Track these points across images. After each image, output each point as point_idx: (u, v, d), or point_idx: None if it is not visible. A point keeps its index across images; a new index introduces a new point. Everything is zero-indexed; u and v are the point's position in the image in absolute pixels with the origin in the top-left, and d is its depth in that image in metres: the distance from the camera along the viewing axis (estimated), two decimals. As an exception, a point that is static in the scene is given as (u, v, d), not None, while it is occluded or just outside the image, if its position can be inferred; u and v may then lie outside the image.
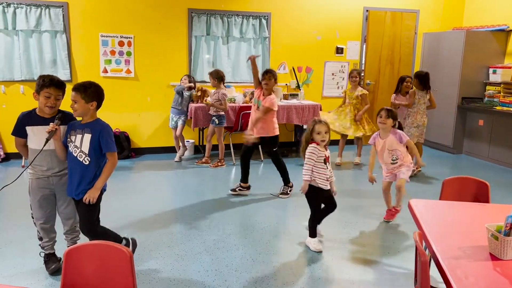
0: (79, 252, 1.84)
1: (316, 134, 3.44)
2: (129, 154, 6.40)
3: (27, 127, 2.84)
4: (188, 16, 6.48)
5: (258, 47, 6.90)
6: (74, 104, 2.72)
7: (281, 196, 4.81)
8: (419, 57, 7.75)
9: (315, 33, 7.11)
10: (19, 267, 3.12)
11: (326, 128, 3.45)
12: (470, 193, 2.98)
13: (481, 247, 2.01)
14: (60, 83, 2.79)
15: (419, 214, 2.41)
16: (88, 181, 2.77)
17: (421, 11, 7.55)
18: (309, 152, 3.44)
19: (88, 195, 2.76)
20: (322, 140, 3.44)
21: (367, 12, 7.28)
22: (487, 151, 6.65)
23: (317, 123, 3.46)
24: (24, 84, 6.01)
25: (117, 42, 6.25)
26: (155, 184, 5.26)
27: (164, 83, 6.54)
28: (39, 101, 2.79)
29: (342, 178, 5.68)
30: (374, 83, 7.59)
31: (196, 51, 6.64)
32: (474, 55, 6.84)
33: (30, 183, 2.91)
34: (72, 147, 2.76)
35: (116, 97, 6.29)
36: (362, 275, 3.12)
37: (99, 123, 2.80)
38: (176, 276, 3.04)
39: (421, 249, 1.96)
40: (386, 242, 3.69)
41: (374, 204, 4.58)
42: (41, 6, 5.85)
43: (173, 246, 3.51)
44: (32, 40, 5.94)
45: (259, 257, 3.35)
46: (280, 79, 7.07)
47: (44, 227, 2.97)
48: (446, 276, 1.76)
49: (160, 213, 4.26)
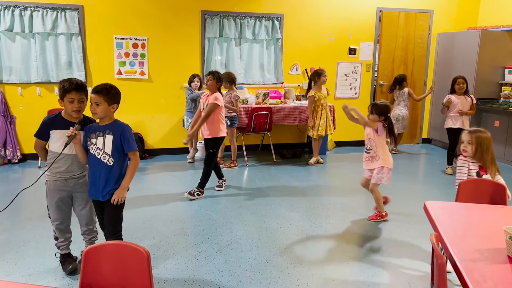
0: (97, 252, 1.87)
1: (461, 143, 3.25)
2: (143, 155, 6.46)
3: (51, 131, 2.88)
4: (201, 18, 6.52)
5: (270, 49, 6.91)
6: (96, 106, 2.72)
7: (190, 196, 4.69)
8: (433, 57, 7.69)
9: (328, 34, 7.09)
10: (37, 266, 3.18)
11: (469, 138, 3.17)
12: (487, 195, 2.94)
13: (499, 249, 1.99)
14: (80, 86, 2.82)
15: (435, 216, 2.39)
16: (114, 182, 2.79)
17: (435, 11, 7.48)
18: (457, 167, 3.25)
19: (116, 195, 2.78)
20: (463, 150, 3.22)
21: (380, 13, 7.25)
22: (503, 152, 6.56)
23: (464, 132, 3.25)
24: (40, 86, 6.11)
25: (131, 44, 6.31)
26: (169, 185, 5.29)
27: (178, 84, 6.58)
28: (65, 107, 2.84)
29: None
30: (387, 84, 7.54)
31: (209, 53, 6.67)
32: (489, 55, 6.75)
33: (48, 185, 2.95)
34: (94, 150, 2.77)
35: (130, 98, 6.35)
36: (378, 277, 3.11)
37: (119, 123, 2.83)
38: (190, 277, 3.06)
39: (438, 251, 1.95)
40: (402, 244, 3.66)
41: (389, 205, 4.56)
42: (57, 9, 5.94)
43: (188, 247, 3.54)
44: (48, 43, 6.03)
45: (272, 258, 3.35)
46: (293, 80, 7.09)
47: (59, 227, 3.02)
48: (463, 279, 1.75)
49: (174, 214, 4.29)
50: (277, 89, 6.92)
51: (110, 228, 2.87)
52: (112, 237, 2.85)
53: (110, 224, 2.87)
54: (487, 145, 3.15)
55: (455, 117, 5.81)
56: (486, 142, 3.14)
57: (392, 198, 4.49)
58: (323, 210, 4.41)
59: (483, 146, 3.14)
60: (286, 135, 7.21)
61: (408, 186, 5.37)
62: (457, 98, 5.80)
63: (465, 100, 5.80)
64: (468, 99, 5.82)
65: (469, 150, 3.17)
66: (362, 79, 7.44)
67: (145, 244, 3.55)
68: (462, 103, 5.78)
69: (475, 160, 3.18)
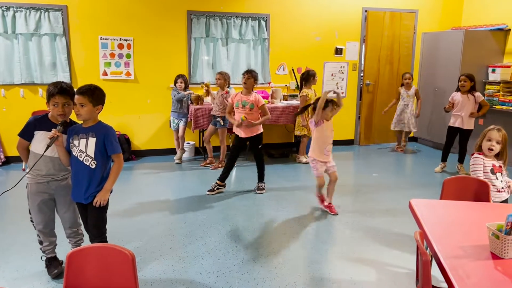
0: (81, 254, 1.85)
1: (487, 140, 3.13)
2: (130, 157, 6.41)
3: (35, 132, 2.84)
4: (187, 18, 6.49)
5: (257, 49, 6.91)
6: (80, 107, 2.68)
7: (260, 191, 5.03)
8: (418, 57, 7.76)
9: (314, 33, 7.12)
10: (22, 270, 3.13)
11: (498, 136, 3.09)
12: (471, 193, 2.98)
13: (482, 246, 2.02)
14: (65, 90, 2.78)
15: (420, 213, 2.42)
16: (96, 184, 2.77)
17: (420, 11, 7.56)
18: (472, 165, 3.15)
19: (98, 198, 2.76)
20: (489, 149, 3.11)
21: (365, 13, 7.29)
22: (487, 150, 6.64)
23: (491, 130, 3.13)
24: (24, 87, 6.02)
25: (116, 45, 6.26)
26: (156, 186, 5.26)
27: (164, 85, 6.55)
28: (51, 110, 2.82)
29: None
30: (373, 83, 7.60)
31: (195, 53, 6.65)
32: (473, 55, 6.85)
33: (29, 188, 2.90)
34: (76, 152, 2.74)
35: (116, 99, 6.30)
36: (364, 275, 3.13)
37: (102, 125, 2.80)
38: (177, 278, 3.04)
39: (422, 249, 1.97)
40: (388, 242, 3.69)
41: (376, 203, 4.60)
42: (40, 10, 5.86)
43: (175, 248, 3.52)
44: (32, 44, 5.95)
45: (260, 258, 3.35)
46: (280, 80, 7.10)
47: (43, 231, 2.98)
48: (447, 275, 1.77)
49: (161, 215, 4.27)
50: (264, 89, 6.92)
51: (94, 230, 2.84)
52: (96, 239, 2.82)
53: (94, 226, 2.84)
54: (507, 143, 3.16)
55: (455, 116, 5.86)
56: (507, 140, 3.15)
57: (379, 197, 4.53)
58: (310, 210, 4.43)
59: (506, 144, 3.13)
60: (274, 135, 7.22)
61: (394, 184, 5.41)
62: (460, 96, 5.82)
63: (466, 99, 5.75)
64: (471, 97, 5.75)
65: (497, 149, 3.09)
66: (348, 78, 7.48)
67: (132, 246, 3.52)
68: (463, 102, 5.76)
69: (497, 158, 3.14)
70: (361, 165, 6.60)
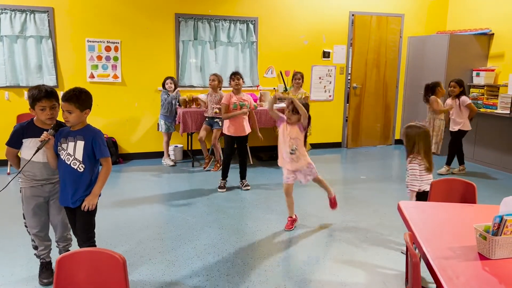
0: (71, 259, 1.83)
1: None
2: (117, 160, 6.35)
3: (24, 139, 2.78)
4: (175, 21, 6.47)
5: (245, 52, 6.92)
6: (68, 114, 2.63)
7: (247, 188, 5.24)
8: (405, 60, 7.87)
9: (302, 37, 7.16)
10: (8, 276, 3.07)
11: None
12: (458, 194, 3.03)
13: (470, 247, 2.05)
14: (50, 92, 2.72)
15: (409, 215, 2.45)
16: (84, 189, 2.73)
17: (406, 15, 7.67)
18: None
19: (86, 202, 2.72)
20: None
21: (352, 17, 7.37)
22: (472, 152, 6.76)
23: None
24: (9, 90, 5.93)
25: (103, 47, 6.21)
26: (144, 189, 5.22)
27: (152, 88, 6.51)
28: (37, 115, 2.75)
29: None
30: (360, 86, 7.67)
31: (183, 56, 6.63)
32: (458, 58, 6.96)
33: (23, 192, 2.86)
34: (64, 155, 2.70)
35: (104, 102, 6.24)
36: (354, 277, 3.15)
37: (91, 129, 2.77)
38: (167, 282, 3.02)
39: (411, 250, 1.99)
40: (377, 243, 3.72)
41: (365, 205, 4.63)
42: (26, 11, 5.79)
43: (164, 252, 3.50)
44: (17, 46, 5.87)
45: (250, 261, 3.35)
46: (268, 83, 7.12)
47: (39, 235, 2.94)
48: (436, 276, 1.79)
49: (150, 219, 4.24)
50: (253, 92, 6.93)
51: (83, 235, 2.81)
52: (85, 244, 2.79)
53: (82, 231, 2.81)
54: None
55: (451, 120, 6.01)
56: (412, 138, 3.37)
57: (367, 199, 4.56)
58: (299, 212, 4.44)
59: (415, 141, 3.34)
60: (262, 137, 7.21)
61: (382, 186, 5.47)
62: (450, 101, 5.98)
63: (455, 104, 5.91)
64: (457, 102, 5.89)
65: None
66: (336, 82, 7.54)
67: (121, 249, 3.49)
68: (452, 106, 5.93)
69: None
70: (349, 167, 6.65)
